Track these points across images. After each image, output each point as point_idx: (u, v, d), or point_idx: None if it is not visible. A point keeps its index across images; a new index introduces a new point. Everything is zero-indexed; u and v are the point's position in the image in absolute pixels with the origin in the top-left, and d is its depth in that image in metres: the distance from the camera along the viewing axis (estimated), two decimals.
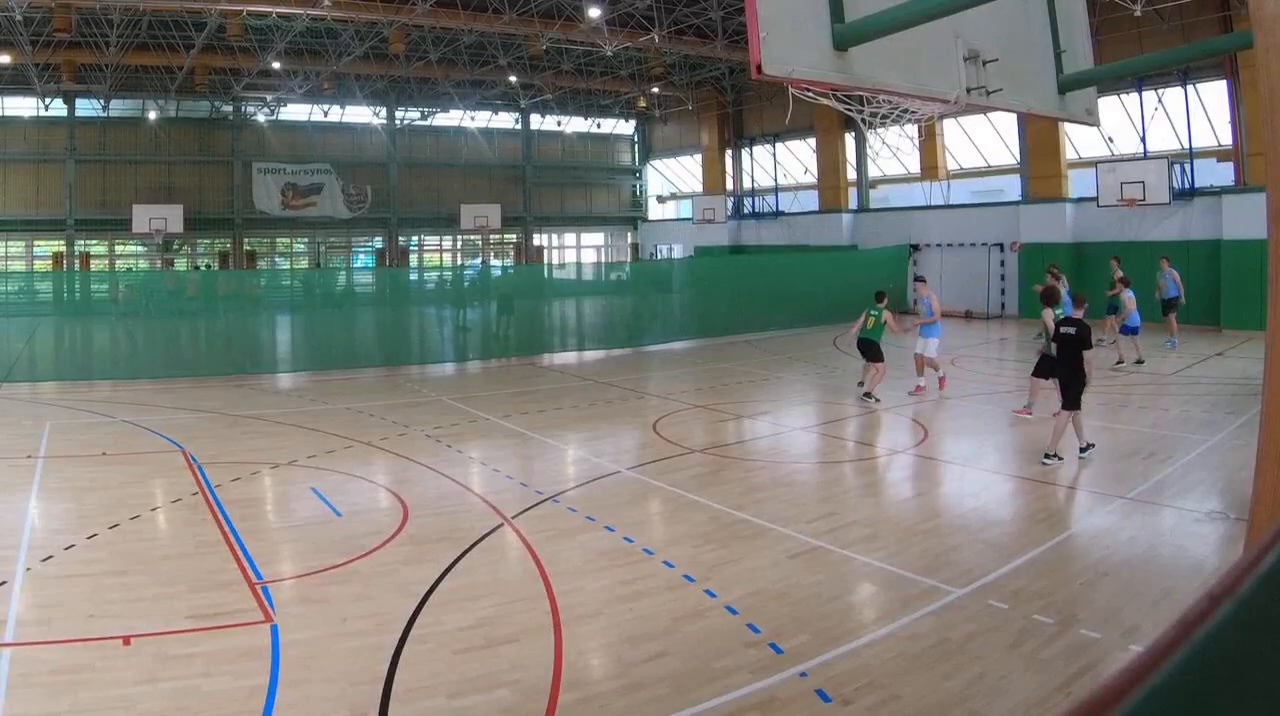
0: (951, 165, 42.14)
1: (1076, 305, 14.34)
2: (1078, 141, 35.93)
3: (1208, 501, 12.09)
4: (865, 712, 6.74)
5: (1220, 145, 32.15)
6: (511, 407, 19.85)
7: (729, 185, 54.95)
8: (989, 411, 18.80)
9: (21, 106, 47.22)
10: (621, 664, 7.64)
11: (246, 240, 52.59)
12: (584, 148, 62.07)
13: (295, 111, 53.12)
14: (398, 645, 7.94)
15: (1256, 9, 5.95)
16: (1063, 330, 14.00)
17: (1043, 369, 16.87)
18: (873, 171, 45.78)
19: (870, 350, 19.67)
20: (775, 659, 7.57)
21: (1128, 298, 22.86)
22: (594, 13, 36.07)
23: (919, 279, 22.45)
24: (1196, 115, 32.38)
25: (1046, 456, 13.97)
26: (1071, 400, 13.80)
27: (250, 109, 51.80)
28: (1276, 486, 6.31)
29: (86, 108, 48.44)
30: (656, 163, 63.00)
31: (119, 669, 7.48)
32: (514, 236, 60.27)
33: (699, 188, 57.17)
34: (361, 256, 57.96)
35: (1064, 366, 14.01)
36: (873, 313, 19.63)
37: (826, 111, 9.75)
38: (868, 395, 19.63)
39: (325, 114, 53.76)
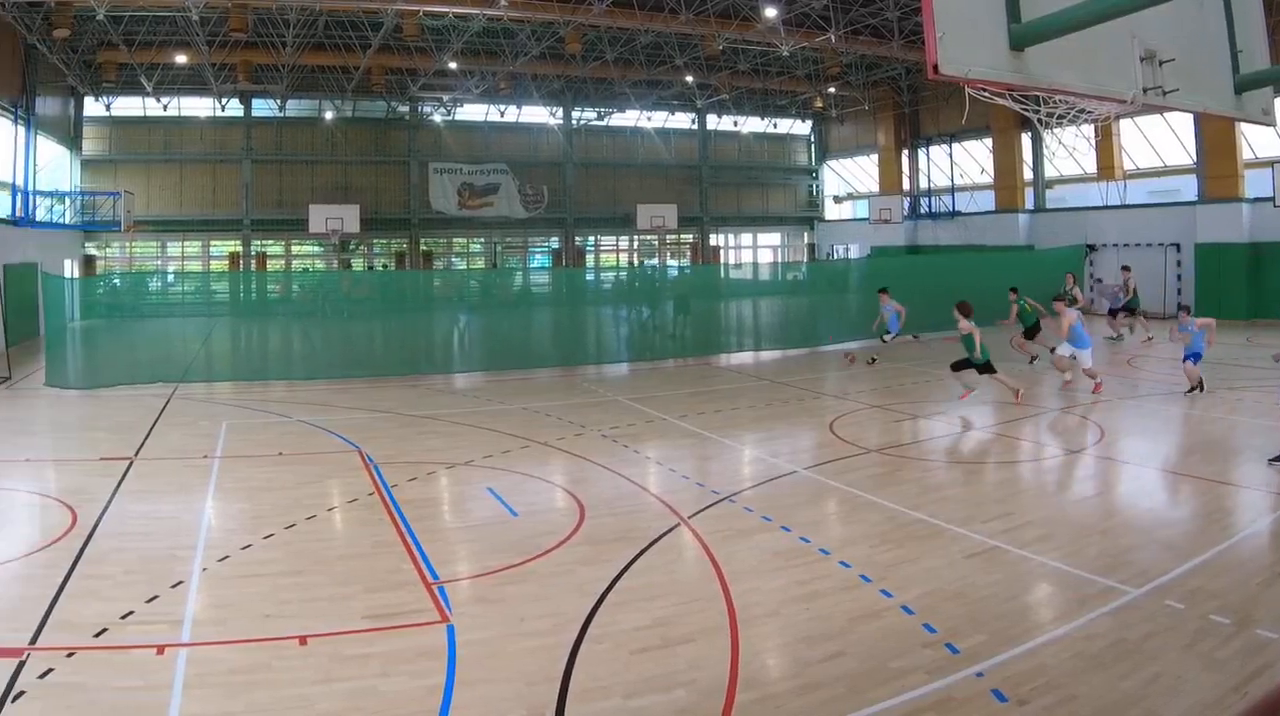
0: (1127, 165, 41.78)
1: None
2: (1254, 141, 35.23)
3: None
4: (1041, 712, 6.77)
5: None
6: (688, 407, 19.88)
7: (905, 185, 55.00)
8: (1165, 411, 18.55)
9: (198, 107, 49.39)
10: (798, 663, 7.72)
11: (423, 240, 54.00)
12: (760, 148, 62.11)
13: (471, 111, 54.33)
14: (574, 645, 8.01)
15: None
16: None
17: (960, 364, 19.33)
18: (1049, 171, 46.37)
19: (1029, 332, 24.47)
20: (951, 659, 7.63)
21: None
22: (770, 13, 36.24)
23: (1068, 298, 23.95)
24: None
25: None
26: None
27: (426, 109, 53.16)
28: None
29: (262, 108, 50.49)
30: (833, 163, 62.83)
31: (295, 669, 7.65)
32: (690, 236, 60.53)
33: (875, 188, 57.15)
34: (538, 256, 58.86)
35: None
36: (1020, 303, 24.33)
37: (1003, 111, 9.70)
38: (1033, 359, 24.45)
39: (501, 114, 54.81)
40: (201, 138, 49.65)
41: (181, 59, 41.88)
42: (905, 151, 55.15)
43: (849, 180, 61.64)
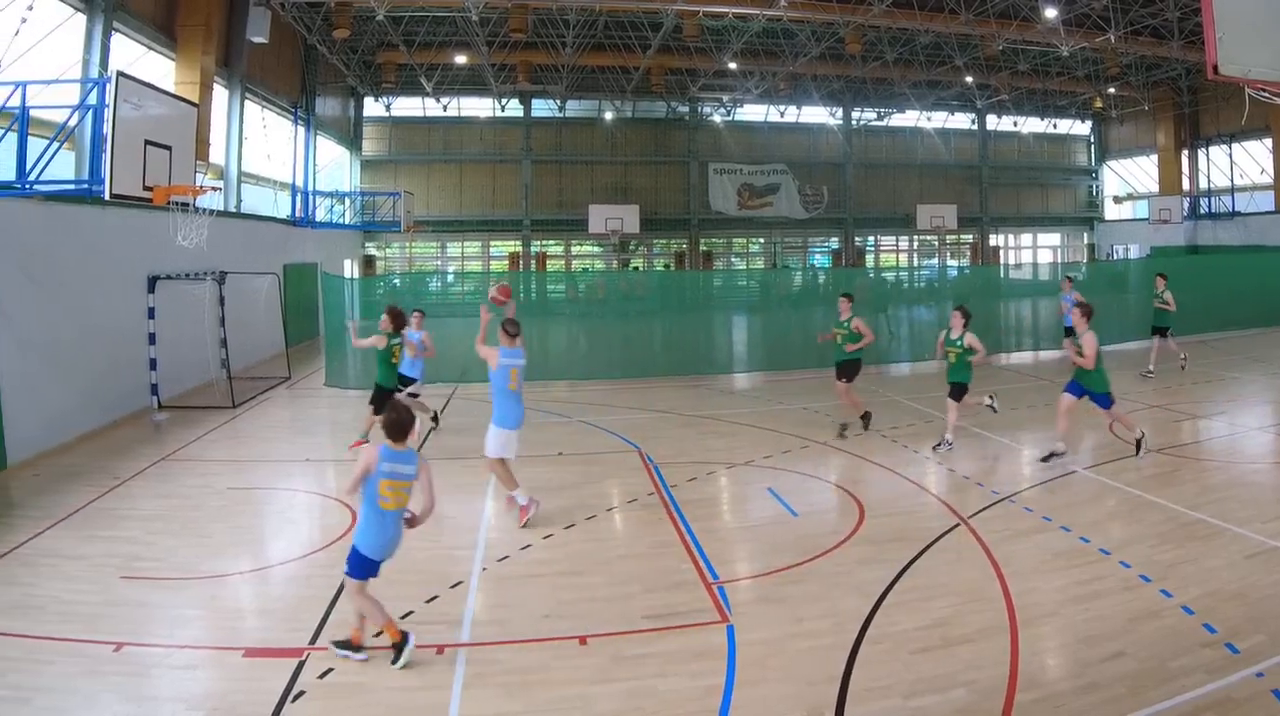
0: None
1: None
2: None
3: None
4: None
5: None
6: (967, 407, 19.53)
7: (1185, 185, 53.87)
8: None
9: (478, 107, 51.42)
10: (1078, 664, 7.87)
11: (702, 240, 54.60)
12: (1040, 148, 60.74)
13: (751, 111, 54.66)
14: (854, 645, 8.11)
15: None
16: None
17: (375, 400, 16.94)
18: None
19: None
20: (1231, 659, 7.74)
21: None
22: (1050, 13, 35.81)
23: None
24: None
25: None
26: None
27: (706, 109, 53.72)
28: None
29: (542, 108, 52.08)
30: (1112, 163, 61.34)
31: (575, 669, 7.90)
32: (970, 237, 59.67)
33: (1154, 188, 55.98)
34: (817, 256, 58.75)
35: None
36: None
37: None
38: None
39: (781, 114, 54.92)
40: (481, 138, 51.63)
41: (461, 59, 43.61)
42: (1185, 152, 54.26)
43: (1128, 180, 60.35)
